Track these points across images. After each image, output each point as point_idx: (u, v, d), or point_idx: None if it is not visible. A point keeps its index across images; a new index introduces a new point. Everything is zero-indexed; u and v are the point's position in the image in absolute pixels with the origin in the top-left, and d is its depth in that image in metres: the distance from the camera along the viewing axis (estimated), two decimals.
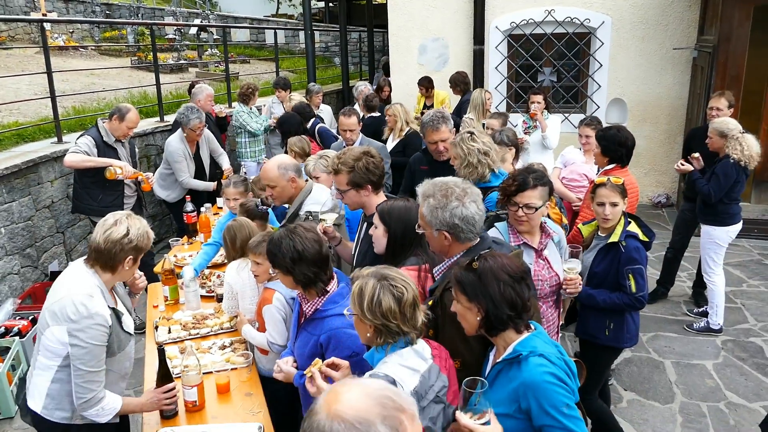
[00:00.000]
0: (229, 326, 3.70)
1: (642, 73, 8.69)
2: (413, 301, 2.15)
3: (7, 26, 14.83)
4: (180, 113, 6.00)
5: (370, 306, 2.10)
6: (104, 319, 2.58)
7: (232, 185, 4.49)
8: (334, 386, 1.30)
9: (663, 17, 8.43)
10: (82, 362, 2.54)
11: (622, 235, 3.38)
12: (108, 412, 2.67)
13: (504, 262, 2.13)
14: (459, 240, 2.55)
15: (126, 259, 2.65)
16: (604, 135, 4.29)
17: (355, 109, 6.04)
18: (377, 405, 1.21)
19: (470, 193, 2.56)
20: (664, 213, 8.54)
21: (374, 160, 3.25)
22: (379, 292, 2.11)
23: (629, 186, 4.23)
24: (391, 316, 2.10)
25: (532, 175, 2.99)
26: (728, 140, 4.87)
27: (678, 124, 8.67)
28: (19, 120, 7.61)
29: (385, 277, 2.15)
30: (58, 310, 2.55)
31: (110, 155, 5.23)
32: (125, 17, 18.35)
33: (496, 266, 2.10)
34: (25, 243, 5.62)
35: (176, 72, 13.77)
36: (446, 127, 4.10)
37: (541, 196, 2.96)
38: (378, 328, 2.13)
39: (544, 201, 2.98)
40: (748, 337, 5.19)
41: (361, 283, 2.16)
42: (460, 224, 2.50)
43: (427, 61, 9.41)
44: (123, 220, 2.67)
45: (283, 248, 2.66)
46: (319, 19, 23.26)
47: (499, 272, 2.08)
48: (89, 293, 2.58)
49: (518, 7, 8.87)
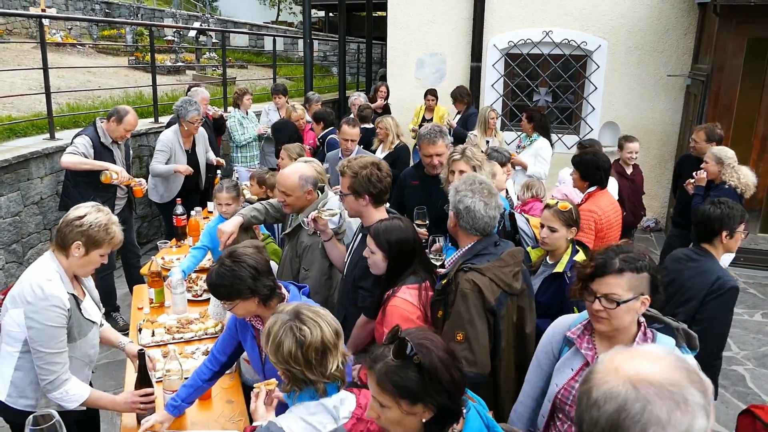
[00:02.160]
0: (214, 332, 3.67)
1: (636, 98, 8.78)
2: (322, 345, 1.92)
3: (5, 20, 14.77)
4: (178, 105, 5.99)
5: (272, 349, 1.94)
6: (61, 302, 2.59)
7: (224, 190, 4.45)
8: (613, 355, 1.15)
9: (659, 44, 8.54)
10: (40, 344, 2.56)
11: (568, 266, 3.22)
12: (73, 398, 2.67)
13: (433, 338, 1.74)
14: (461, 227, 2.84)
15: (74, 243, 2.62)
16: (581, 161, 4.39)
17: (358, 120, 6.08)
18: (679, 369, 1.10)
19: (487, 193, 2.81)
20: (653, 237, 8.59)
21: (380, 173, 3.18)
22: (282, 334, 1.93)
23: (609, 208, 4.30)
24: (293, 360, 1.91)
25: (620, 256, 2.12)
26: (725, 167, 4.93)
27: (669, 150, 8.76)
28: (12, 114, 7.57)
29: (297, 316, 1.96)
30: (17, 294, 2.59)
31: (106, 156, 5.19)
32: (125, 17, 18.35)
33: (435, 347, 1.69)
34: (11, 238, 5.57)
35: (173, 74, 13.76)
36: (443, 141, 4.11)
37: (631, 286, 2.09)
38: (284, 373, 1.96)
39: (637, 292, 2.10)
40: (730, 365, 5.21)
41: (272, 320, 1.98)
42: (463, 212, 2.79)
43: (425, 75, 9.46)
44: (88, 207, 2.70)
45: (239, 274, 2.45)
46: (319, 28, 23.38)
47: (443, 356, 1.68)
48: (48, 277, 2.61)
49: (516, 27, 8.96)
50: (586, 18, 8.72)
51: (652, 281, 2.11)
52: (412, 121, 8.57)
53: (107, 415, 4.35)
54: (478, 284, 2.60)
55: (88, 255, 2.67)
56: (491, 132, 6.78)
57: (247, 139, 7.52)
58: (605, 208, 4.27)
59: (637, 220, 5.90)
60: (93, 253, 2.68)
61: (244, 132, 7.52)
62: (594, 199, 4.31)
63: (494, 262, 2.70)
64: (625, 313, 2.10)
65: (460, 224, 2.83)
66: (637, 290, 2.09)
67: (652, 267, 2.13)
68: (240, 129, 7.51)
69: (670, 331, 2.23)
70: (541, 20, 8.86)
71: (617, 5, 8.56)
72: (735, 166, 4.93)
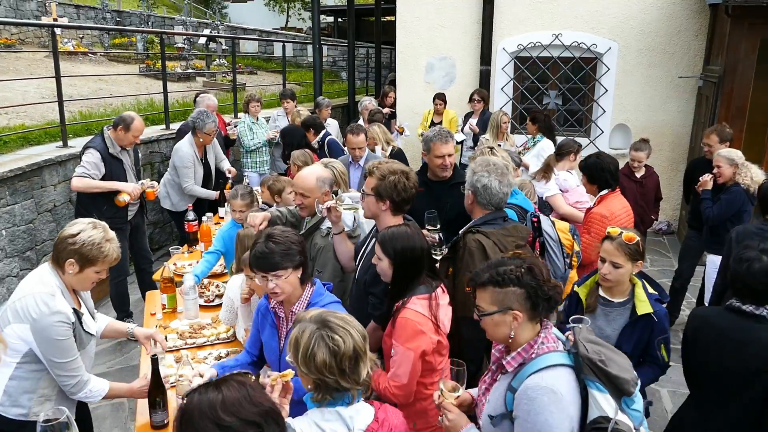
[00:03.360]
0: (226, 337, 3.68)
1: (647, 100, 8.73)
2: (354, 352, 1.91)
3: (17, 30, 14.94)
4: (194, 117, 6.02)
5: (304, 358, 1.90)
6: (66, 317, 2.64)
7: (239, 197, 4.45)
8: None
9: (670, 45, 8.49)
10: (54, 356, 2.63)
11: (654, 305, 2.92)
12: (96, 394, 2.81)
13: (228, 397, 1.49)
14: (478, 203, 3.24)
15: (67, 260, 2.64)
16: (586, 165, 4.41)
17: (362, 126, 6.07)
18: None
19: (502, 173, 3.22)
20: (665, 240, 8.53)
21: (407, 183, 3.14)
22: (314, 344, 1.89)
23: (621, 211, 4.27)
24: (327, 370, 1.88)
25: (492, 270, 2.12)
26: (739, 167, 4.90)
27: (681, 152, 8.70)
28: (25, 123, 7.64)
29: (325, 325, 1.93)
30: (20, 308, 2.60)
31: (116, 167, 5.18)
32: (135, 25, 18.50)
33: (206, 404, 1.48)
34: (25, 246, 5.61)
35: (183, 80, 13.85)
36: (452, 141, 4.11)
37: (493, 300, 2.10)
38: (316, 383, 1.93)
39: (503, 307, 2.09)
40: None
41: (298, 330, 1.94)
42: (480, 189, 3.21)
43: (434, 79, 9.46)
44: (84, 224, 2.71)
45: (292, 239, 2.58)
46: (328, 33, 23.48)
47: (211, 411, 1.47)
48: (50, 292, 2.63)
49: (526, 30, 8.94)
50: (596, 20, 8.69)
51: (530, 296, 2.06)
52: (421, 125, 8.57)
53: (120, 420, 4.38)
54: (483, 244, 3.03)
55: (82, 272, 2.69)
56: (503, 136, 6.81)
57: (256, 144, 7.55)
58: (617, 211, 4.25)
59: (645, 224, 5.81)
60: (88, 270, 2.69)
61: (254, 137, 7.56)
62: (606, 203, 4.29)
63: (499, 230, 3.14)
64: (494, 326, 2.11)
65: (478, 200, 3.24)
66: (501, 305, 2.07)
67: (528, 282, 2.06)
68: (249, 134, 7.55)
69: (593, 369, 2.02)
70: (550, 23, 8.83)
71: (627, 7, 8.53)
72: (747, 164, 4.92)
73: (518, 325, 2.07)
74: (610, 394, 2.00)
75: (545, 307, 2.09)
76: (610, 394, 2.00)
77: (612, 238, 2.94)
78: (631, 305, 2.97)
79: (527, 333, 2.10)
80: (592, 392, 2.00)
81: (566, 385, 2.00)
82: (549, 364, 2.03)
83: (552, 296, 2.09)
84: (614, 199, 4.32)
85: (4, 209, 5.34)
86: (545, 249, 3.81)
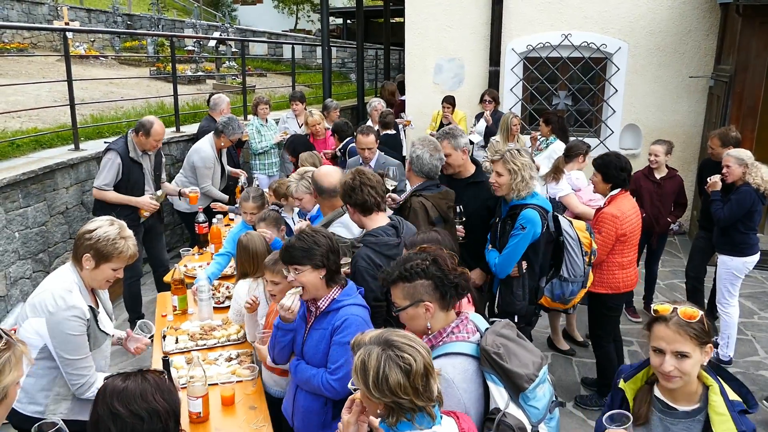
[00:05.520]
0: (236, 338, 3.70)
1: (657, 100, 8.68)
2: (425, 369, 1.85)
3: (30, 34, 15.09)
4: (224, 122, 6.11)
5: (376, 382, 1.82)
6: (82, 312, 2.67)
7: (251, 200, 4.49)
8: None
9: (680, 45, 8.44)
10: (65, 351, 2.65)
11: (739, 421, 2.00)
12: None
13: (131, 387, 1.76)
14: (413, 171, 3.87)
15: (84, 255, 2.70)
16: (603, 162, 4.35)
17: (372, 127, 6.08)
18: None
19: (433, 147, 3.87)
20: (676, 240, 8.48)
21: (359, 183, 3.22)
22: (385, 366, 1.82)
23: (631, 212, 4.25)
24: (402, 391, 1.81)
25: (400, 267, 2.27)
26: (749, 167, 4.86)
27: (692, 153, 8.64)
28: (38, 126, 7.72)
29: (391, 345, 1.87)
30: (37, 303, 2.66)
31: (135, 170, 5.26)
32: (146, 28, 18.61)
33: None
34: (38, 248, 5.67)
35: (194, 83, 13.93)
36: (447, 142, 4.10)
37: (405, 295, 2.25)
38: (389, 406, 1.86)
39: (414, 299, 2.23)
40: (758, 370, 5.12)
41: (364, 354, 1.88)
42: (414, 159, 3.86)
43: (443, 80, 9.46)
44: (102, 221, 2.77)
45: (318, 240, 2.69)
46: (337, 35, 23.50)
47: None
48: (68, 288, 2.68)
49: (535, 30, 8.92)
50: (606, 20, 8.65)
51: (437, 286, 2.20)
52: (430, 126, 8.59)
53: None
54: (425, 205, 3.69)
55: (98, 268, 2.73)
56: (513, 138, 6.79)
57: (264, 147, 7.58)
58: (627, 212, 4.24)
59: (660, 225, 5.74)
60: (104, 266, 2.73)
61: (261, 140, 7.58)
62: (616, 203, 4.27)
63: (436, 194, 3.78)
64: (410, 320, 2.26)
65: (413, 169, 3.86)
66: (413, 297, 2.22)
67: (434, 273, 2.20)
68: (258, 137, 7.58)
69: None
70: (559, 23, 8.80)
71: (637, 7, 8.48)
72: (757, 164, 4.89)
73: (431, 316, 2.22)
74: (506, 387, 2.09)
75: (453, 294, 2.23)
76: (505, 387, 2.09)
77: (665, 319, 2.02)
78: (704, 417, 2.04)
79: (441, 322, 2.25)
80: (489, 384, 2.11)
81: (461, 374, 2.10)
82: (449, 352, 2.14)
83: (458, 283, 2.23)
84: (624, 199, 4.30)
85: (17, 212, 5.39)
86: (565, 248, 3.83)
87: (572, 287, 4.05)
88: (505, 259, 3.72)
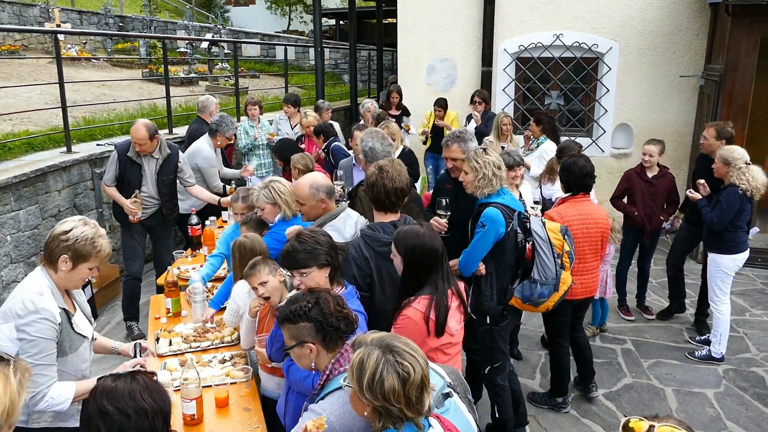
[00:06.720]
0: (230, 340, 3.70)
1: (648, 100, 8.73)
2: (421, 381, 1.83)
3: (21, 36, 15.01)
4: (217, 121, 6.16)
5: (370, 384, 1.80)
6: (52, 315, 2.61)
7: (240, 200, 4.50)
8: None
9: (671, 45, 8.49)
10: (28, 355, 2.55)
11: None
12: (60, 400, 2.65)
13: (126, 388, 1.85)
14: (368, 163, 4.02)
15: (61, 257, 2.65)
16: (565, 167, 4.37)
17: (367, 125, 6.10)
18: None
19: (382, 138, 4.21)
20: (668, 239, 8.51)
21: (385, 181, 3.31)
22: (383, 370, 1.80)
23: (573, 219, 4.20)
24: (394, 398, 1.79)
25: (289, 307, 2.38)
26: (731, 169, 4.90)
27: (684, 152, 8.69)
28: (29, 129, 7.68)
29: (392, 350, 1.84)
30: (8, 309, 2.60)
31: (131, 170, 5.27)
32: (138, 30, 18.55)
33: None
34: (30, 251, 5.65)
35: (186, 85, 13.88)
36: (457, 145, 4.13)
37: (291, 336, 2.35)
38: (377, 410, 1.84)
39: (298, 340, 2.32)
40: (749, 367, 5.16)
41: (363, 353, 1.85)
42: (368, 151, 4.18)
43: (436, 81, 9.48)
44: (75, 221, 2.72)
45: (320, 240, 2.74)
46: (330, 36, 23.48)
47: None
48: (39, 291, 2.64)
49: (527, 31, 8.95)
50: (597, 20, 8.69)
51: (318, 329, 2.26)
52: (423, 125, 8.62)
53: None
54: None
55: (75, 269, 2.69)
56: (505, 138, 6.85)
57: (246, 146, 7.56)
58: (568, 217, 4.22)
59: (652, 224, 5.77)
60: (81, 266, 2.70)
61: (248, 140, 7.56)
62: (564, 206, 4.33)
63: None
64: (298, 358, 2.36)
65: (368, 161, 4.05)
66: (297, 338, 2.30)
67: (314, 316, 2.26)
68: (245, 137, 7.56)
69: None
70: (551, 24, 8.84)
71: (628, 7, 8.53)
72: (743, 168, 4.88)
73: (316, 356, 2.30)
74: None
75: (333, 337, 2.28)
76: None
77: None
78: None
79: (326, 361, 2.31)
80: None
81: (338, 410, 2.11)
82: (331, 390, 2.19)
83: (338, 327, 2.27)
84: (575, 204, 4.29)
85: (9, 215, 5.38)
86: (534, 249, 3.80)
87: (541, 289, 3.86)
88: (467, 257, 3.73)
